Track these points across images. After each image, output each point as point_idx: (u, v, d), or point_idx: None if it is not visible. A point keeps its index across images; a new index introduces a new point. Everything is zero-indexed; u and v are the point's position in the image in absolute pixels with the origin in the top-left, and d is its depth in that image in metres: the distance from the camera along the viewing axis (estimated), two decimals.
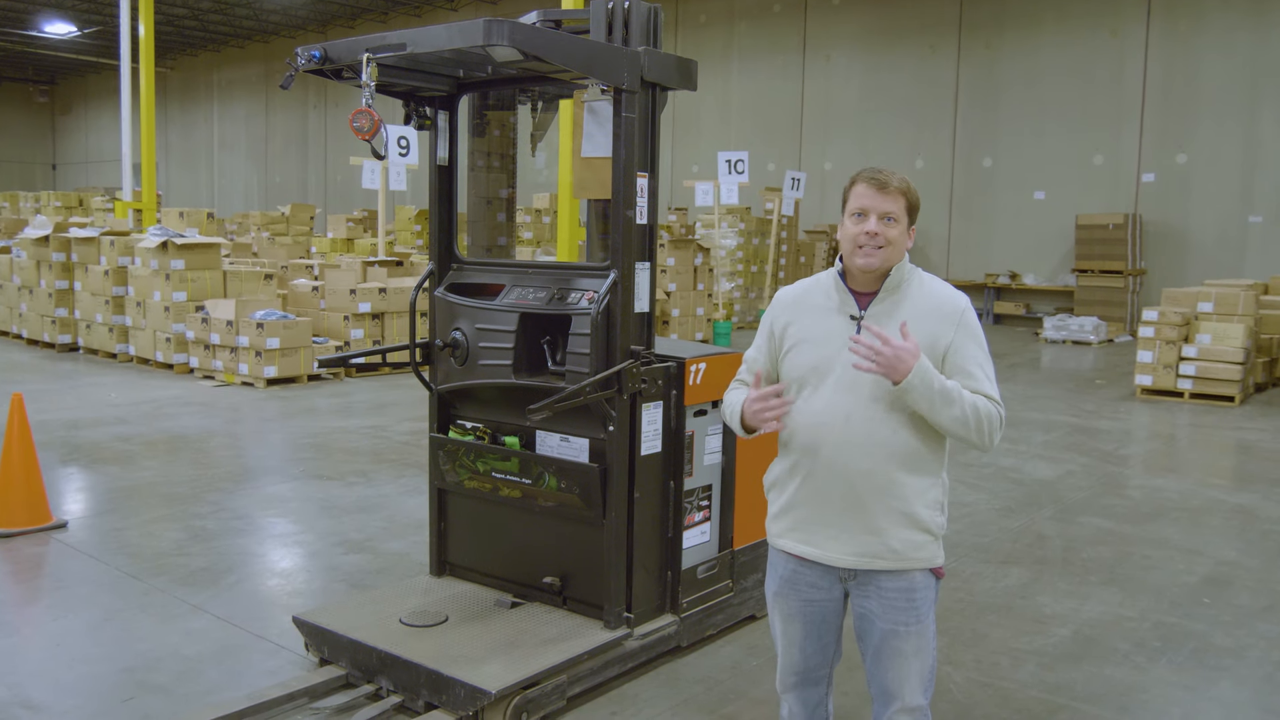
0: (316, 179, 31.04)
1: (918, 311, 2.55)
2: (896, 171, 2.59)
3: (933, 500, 2.60)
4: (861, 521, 2.56)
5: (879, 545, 2.56)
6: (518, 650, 3.61)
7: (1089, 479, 7.26)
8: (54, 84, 42.76)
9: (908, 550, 2.57)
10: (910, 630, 2.59)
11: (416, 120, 4.18)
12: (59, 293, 12.79)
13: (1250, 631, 4.56)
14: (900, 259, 2.59)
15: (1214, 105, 16.03)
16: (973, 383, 2.53)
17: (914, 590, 2.59)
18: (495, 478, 4.02)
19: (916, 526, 2.57)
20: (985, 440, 2.53)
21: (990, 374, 2.57)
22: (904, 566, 2.58)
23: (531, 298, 3.96)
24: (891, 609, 2.58)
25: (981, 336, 2.60)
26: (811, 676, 2.78)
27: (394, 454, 7.63)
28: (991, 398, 2.54)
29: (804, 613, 2.70)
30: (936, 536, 2.61)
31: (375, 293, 11.90)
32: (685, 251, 14.82)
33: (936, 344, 2.54)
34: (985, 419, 2.50)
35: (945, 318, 2.56)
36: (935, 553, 2.61)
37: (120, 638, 4.28)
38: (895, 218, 2.53)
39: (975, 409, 2.49)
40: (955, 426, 2.51)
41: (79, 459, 7.32)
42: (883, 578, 2.58)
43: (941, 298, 2.60)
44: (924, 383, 2.44)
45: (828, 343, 2.59)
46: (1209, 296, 10.92)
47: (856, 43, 19.93)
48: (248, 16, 29.18)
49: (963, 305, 2.60)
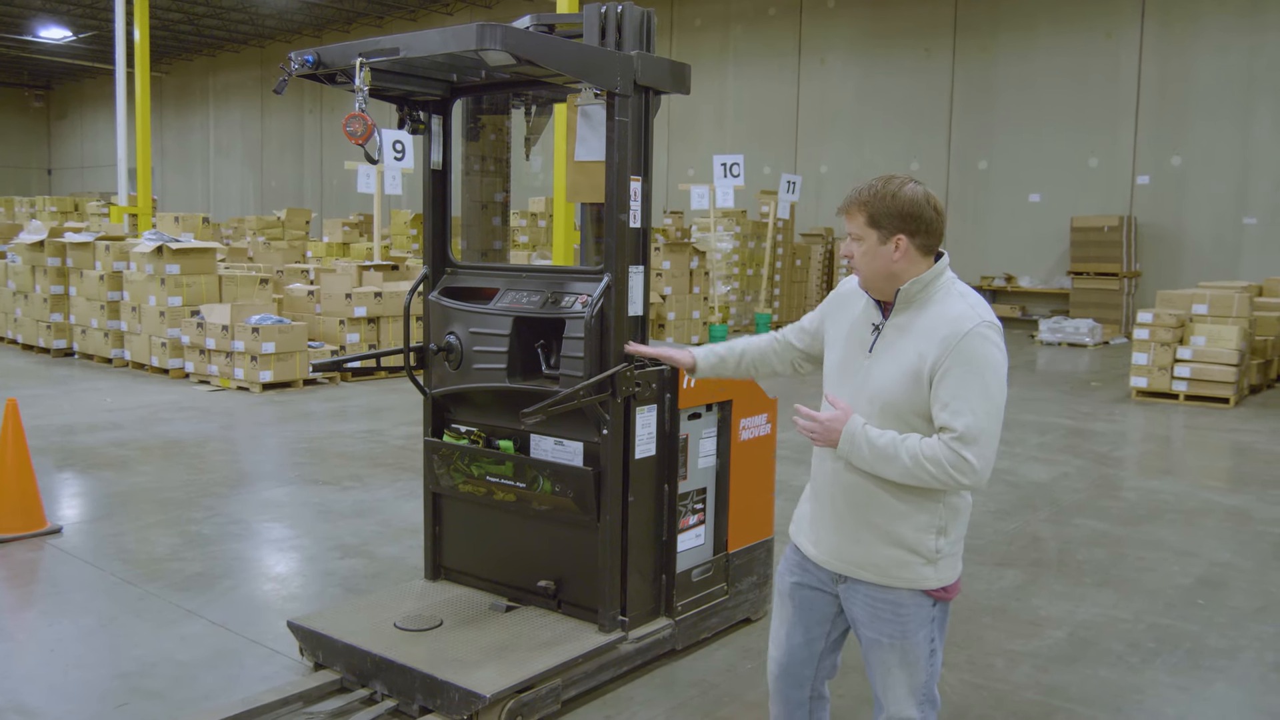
0: (312, 183, 31.03)
1: (922, 328, 2.47)
2: (882, 181, 2.51)
3: (926, 524, 2.50)
4: (847, 531, 2.58)
5: (862, 556, 2.56)
6: (512, 654, 3.61)
7: (1084, 481, 7.27)
8: (49, 89, 42.74)
9: (891, 567, 2.53)
10: (895, 643, 2.56)
11: (410, 124, 4.19)
12: (54, 298, 12.77)
13: (1244, 633, 4.57)
14: (909, 273, 2.49)
15: (1209, 107, 16.07)
16: (945, 414, 2.39)
17: (900, 606, 2.54)
18: (490, 482, 4.02)
19: (901, 546, 2.51)
20: (948, 482, 2.40)
21: (975, 406, 2.37)
22: (887, 582, 2.54)
23: (525, 301, 3.96)
24: (876, 619, 2.57)
25: (982, 366, 2.40)
26: (794, 672, 2.77)
27: (389, 458, 7.63)
28: (951, 429, 2.37)
29: (795, 594, 2.74)
30: (929, 560, 2.52)
31: (371, 297, 11.89)
32: (681, 255, 14.84)
33: (922, 364, 2.43)
34: (930, 464, 2.38)
35: (941, 340, 2.41)
36: (926, 575, 2.52)
37: (115, 643, 4.27)
38: (857, 235, 2.51)
39: (915, 459, 2.38)
40: (905, 480, 2.44)
41: (74, 464, 7.31)
42: (870, 588, 2.58)
43: (948, 318, 2.44)
44: (854, 448, 2.46)
45: (850, 345, 2.62)
46: (1204, 299, 10.94)
47: (852, 46, 19.97)
48: (243, 21, 29.18)
49: (965, 329, 2.40)
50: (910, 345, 2.46)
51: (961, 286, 2.54)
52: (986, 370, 2.41)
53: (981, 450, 2.38)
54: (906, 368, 2.45)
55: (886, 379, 2.49)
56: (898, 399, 2.47)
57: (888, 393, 2.48)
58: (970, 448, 2.36)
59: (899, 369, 2.47)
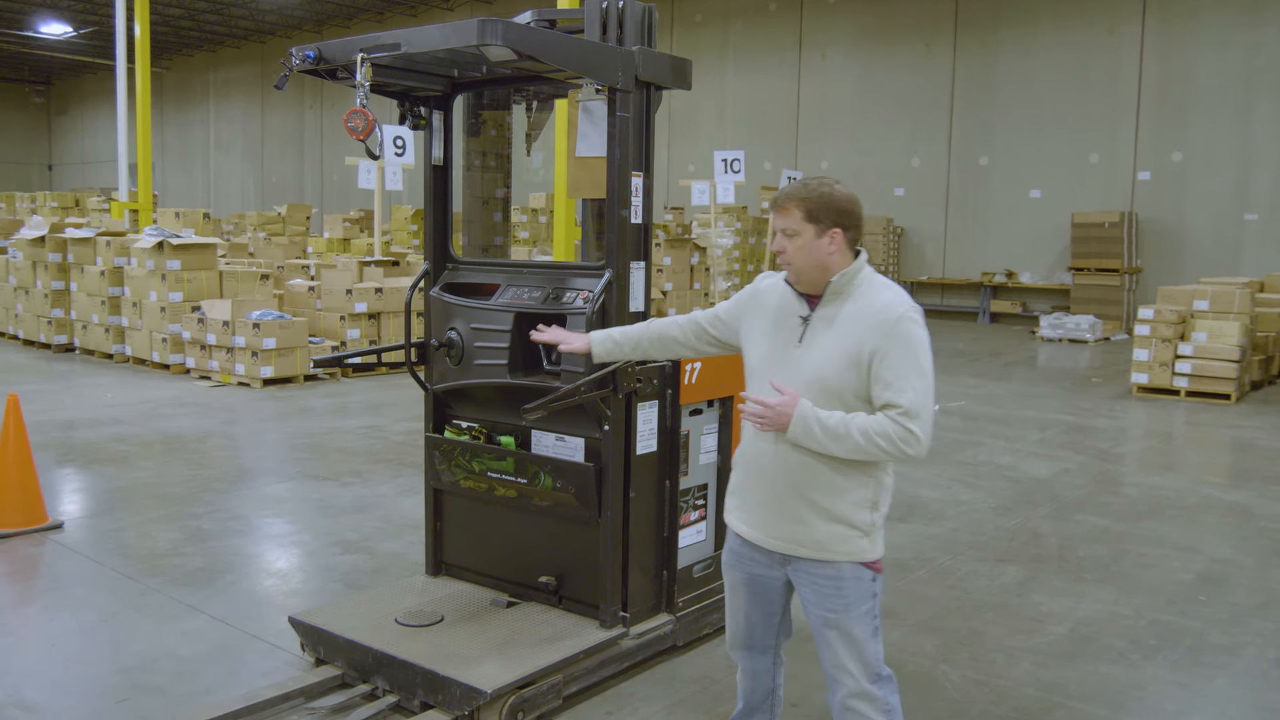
0: (313, 179, 31.02)
1: (853, 317, 2.63)
2: (815, 181, 2.68)
3: (861, 498, 2.66)
4: (788, 511, 2.70)
5: (803, 534, 2.69)
6: (513, 650, 3.61)
7: (1085, 477, 7.27)
8: (50, 84, 42.71)
9: (831, 543, 2.67)
10: (840, 618, 2.69)
11: (411, 120, 4.18)
12: (55, 293, 12.77)
13: (1245, 629, 4.57)
14: (838, 266, 2.67)
15: (1210, 103, 16.05)
16: (888, 393, 2.55)
17: (842, 580, 2.68)
18: (491, 477, 4.02)
19: (840, 521, 2.66)
20: (897, 455, 2.55)
21: (914, 383, 2.55)
22: (828, 558, 2.68)
23: (527, 297, 3.96)
24: (822, 596, 2.71)
25: (915, 347, 2.58)
26: (756, 644, 2.96)
27: (390, 454, 7.63)
28: (896, 405, 2.53)
29: (748, 584, 2.88)
30: (866, 533, 2.67)
31: (371, 293, 11.89)
32: (682, 251, 14.83)
33: (861, 350, 2.58)
34: (880, 439, 2.53)
35: (876, 325, 2.58)
36: (864, 548, 2.68)
37: (116, 638, 4.27)
38: (790, 231, 2.67)
39: (867, 435, 2.53)
40: (856, 456, 2.58)
41: (75, 460, 7.31)
42: (812, 565, 2.71)
43: (880, 305, 2.62)
44: (806, 430, 2.58)
45: (776, 337, 2.76)
46: (1205, 294, 10.93)
47: (852, 41, 19.94)
48: (244, 16, 29.16)
49: (898, 314, 2.59)
50: (844, 333, 2.62)
51: (880, 278, 2.72)
52: (919, 350, 2.59)
53: (923, 423, 2.55)
54: (844, 353, 2.60)
55: (823, 365, 2.63)
56: (836, 383, 2.61)
57: (826, 378, 2.62)
58: (914, 421, 2.53)
59: (836, 355, 2.62)
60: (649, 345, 3.20)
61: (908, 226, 19.47)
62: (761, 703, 3.07)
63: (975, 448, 8.10)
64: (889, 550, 5.48)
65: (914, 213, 19.36)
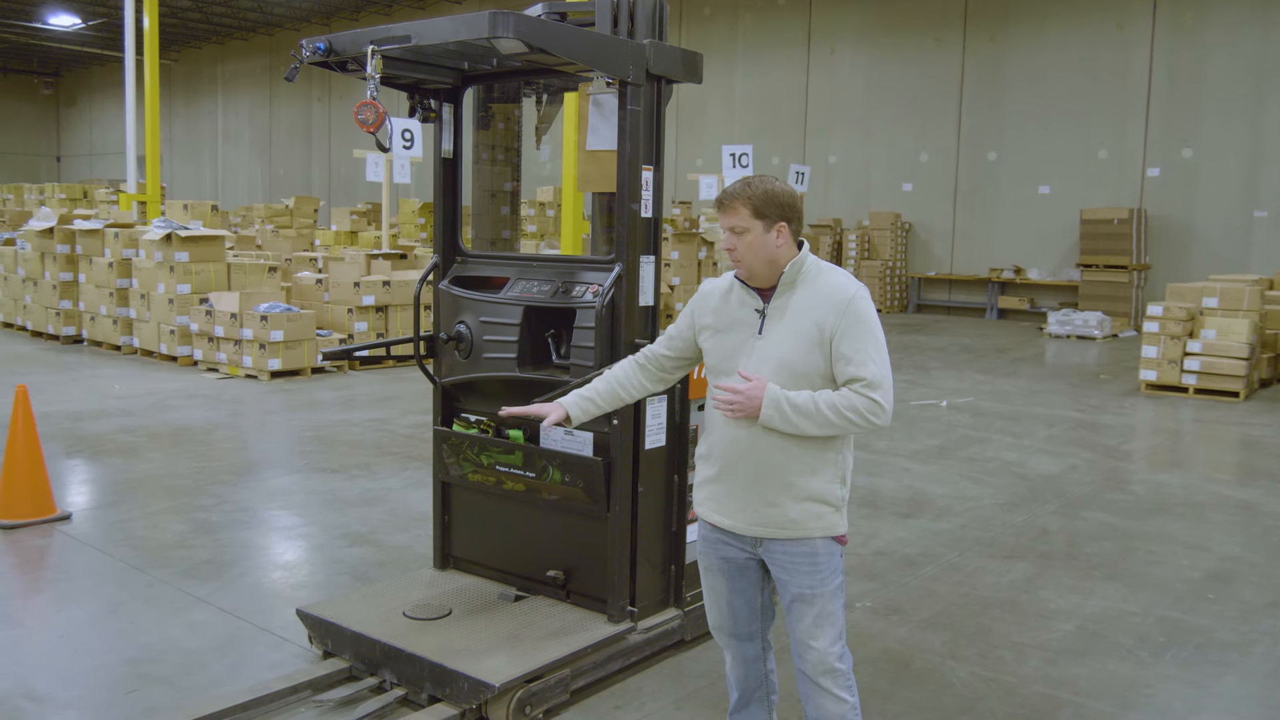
0: (321, 171, 31.03)
1: (808, 301, 2.75)
2: (756, 179, 2.77)
3: (833, 475, 2.78)
4: (762, 495, 2.78)
5: (779, 516, 2.78)
6: (521, 644, 3.61)
7: (1093, 474, 7.25)
8: (59, 76, 42.76)
9: (806, 520, 2.77)
10: (815, 593, 2.79)
11: (421, 113, 4.18)
12: (63, 285, 12.80)
13: (1255, 627, 4.55)
14: (787, 257, 2.77)
15: (1220, 100, 15.98)
16: (851, 368, 2.67)
17: (816, 555, 2.79)
18: (499, 471, 4.02)
19: (814, 499, 2.77)
20: (865, 426, 2.67)
21: (874, 355, 2.68)
22: (804, 535, 2.78)
23: (536, 291, 3.95)
24: (797, 573, 2.80)
25: (870, 322, 2.72)
26: (741, 631, 3.03)
27: (398, 447, 7.63)
28: (861, 379, 2.66)
29: (723, 569, 2.95)
30: (836, 507, 2.80)
31: (379, 285, 11.90)
32: (689, 245, 14.82)
33: (822, 331, 2.71)
34: (849, 412, 2.65)
35: (832, 307, 2.71)
36: (835, 522, 2.80)
37: (124, 630, 4.28)
38: (739, 228, 2.76)
39: (835, 409, 2.65)
40: (827, 432, 2.69)
41: (83, 451, 7.33)
42: (787, 544, 2.80)
43: (831, 288, 2.75)
44: (778, 411, 2.67)
45: (736, 332, 2.84)
46: (1214, 291, 10.89)
47: (861, 36, 19.88)
48: (252, 9, 29.16)
49: (849, 295, 2.72)
50: (801, 317, 2.74)
51: (823, 262, 2.85)
52: (873, 325, 2.73)
53: (886, 393, 2.68)
54: (806, 336, 2.72)
55: (787, 350, 2.73)
56: (802, 366, 2.72)
57: (793, 362, 2.72)
58: (878, 391, 2.66)
59: (797, 339, 2.73)
60: (621, 390, 3.14)
61: (916, 222, 19.42)
62: (756, 690, 3.12)
63: (983, 444, 8.09)
64: (896, 546, 5.50)
65: (922, 208, 19.31)
